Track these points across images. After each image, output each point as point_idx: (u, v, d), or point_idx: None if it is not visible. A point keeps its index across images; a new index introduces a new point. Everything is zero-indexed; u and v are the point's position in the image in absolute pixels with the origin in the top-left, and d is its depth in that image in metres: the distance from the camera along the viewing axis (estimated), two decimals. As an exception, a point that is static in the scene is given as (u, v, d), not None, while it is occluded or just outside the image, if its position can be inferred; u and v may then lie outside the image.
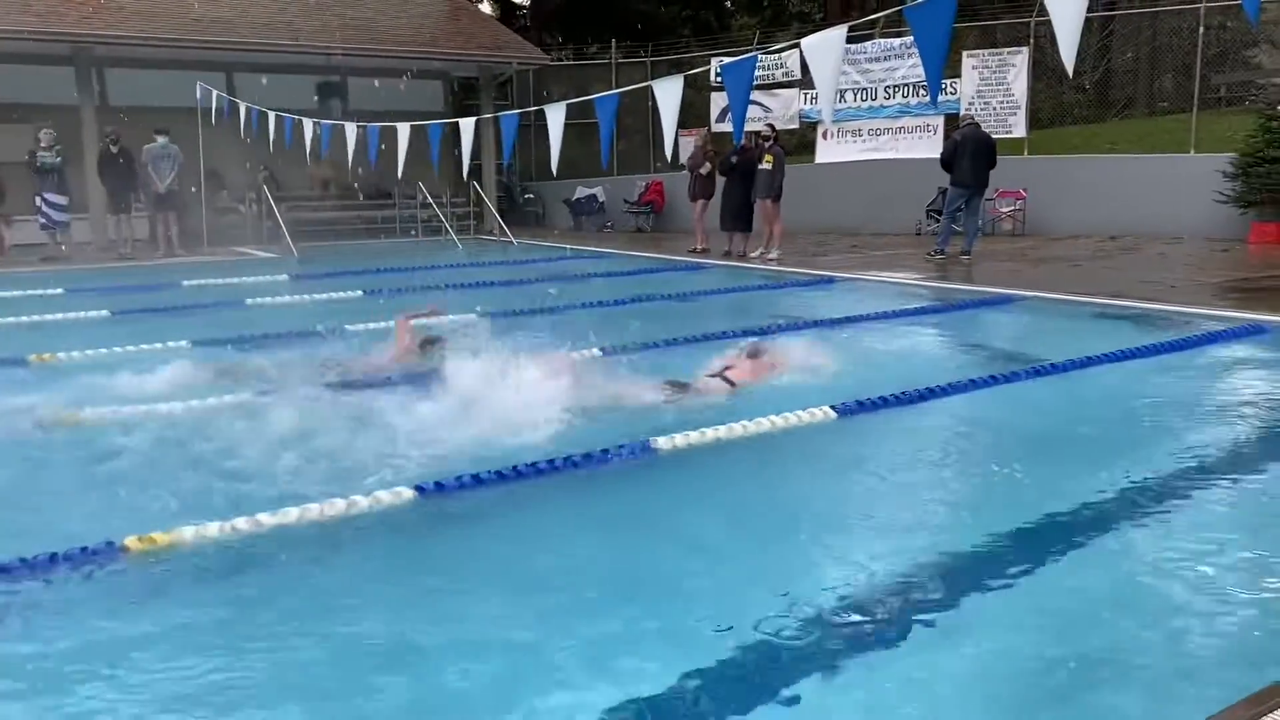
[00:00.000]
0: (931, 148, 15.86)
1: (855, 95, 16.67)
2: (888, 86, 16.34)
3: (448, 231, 17.33)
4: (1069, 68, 4.94)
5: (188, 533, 3.57)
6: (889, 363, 6.61)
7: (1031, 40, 15.54)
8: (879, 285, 10.63)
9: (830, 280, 11.12)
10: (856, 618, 2.98)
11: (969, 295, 9.55)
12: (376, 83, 17.65)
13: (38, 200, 14.24)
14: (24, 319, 8.74)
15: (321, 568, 3.49)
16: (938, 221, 15.87)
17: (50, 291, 10.65)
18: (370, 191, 18.62)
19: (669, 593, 3.25)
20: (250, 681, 2.69)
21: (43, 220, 14.35)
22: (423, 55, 18.44)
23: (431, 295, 10.20)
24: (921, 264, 12.29)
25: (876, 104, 16.50)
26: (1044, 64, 16.32)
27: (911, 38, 5.92)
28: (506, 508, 4.05)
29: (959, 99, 15.74)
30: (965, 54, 15.89)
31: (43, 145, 14.16)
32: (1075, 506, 3.85)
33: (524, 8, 32.39)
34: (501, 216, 18.55)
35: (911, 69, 15.58)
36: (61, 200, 14.39)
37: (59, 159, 14.30)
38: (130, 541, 3.47)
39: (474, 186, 18.29)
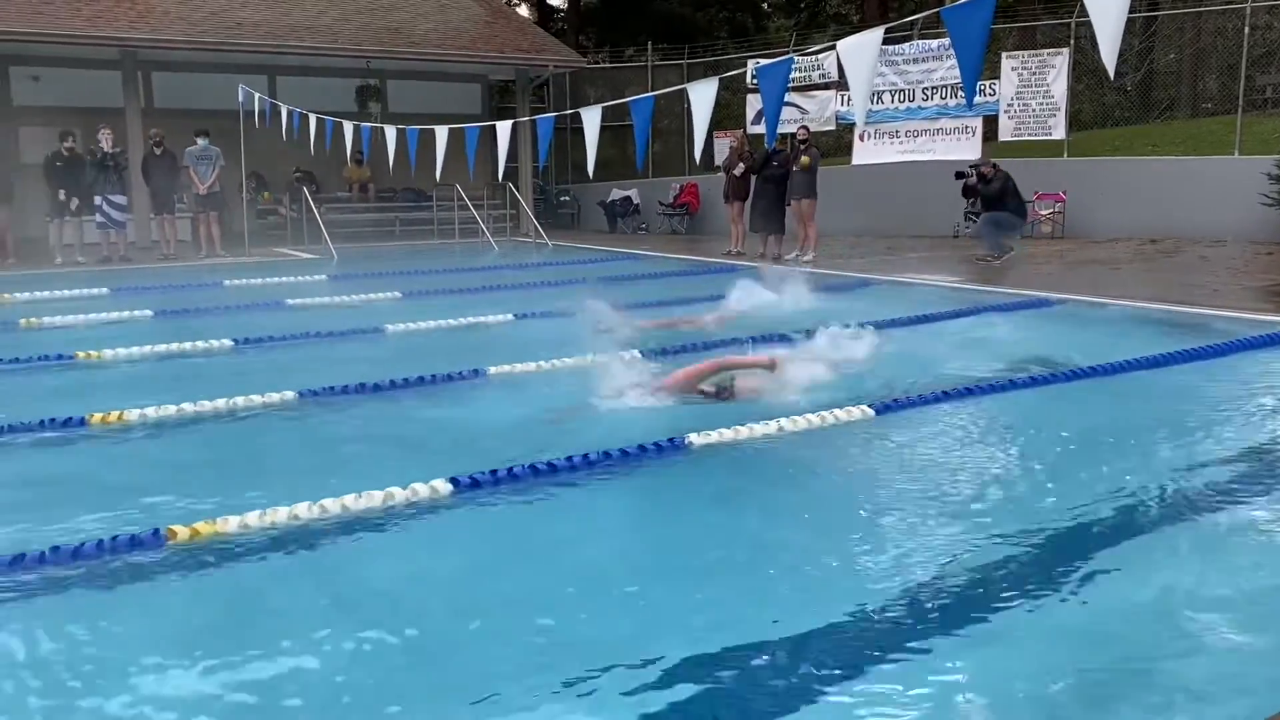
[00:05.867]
0: (970, 149, 15.75)
1: (893, 97, 16.58)
2: (926, 88, 16.24)
3: (484, 234, 17.45)
4: (1109, 69, 4.90)
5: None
6: (927, 364, 6.58)
7: (1072, 41, 15.38)
8: (915, 288, 10.58)
9: (866, 283, 11.08)
10: (883, 623, 2.96)
11: (1006, 298, 9.47)
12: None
13: (98, 200, 14.24)
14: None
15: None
16: (974, 223, 15.80)
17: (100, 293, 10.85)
18: (408, 194, 18.84)
19: (689, 589, 3.28)
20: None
21: (100, 219, 14.39)
22: (461, 58, 18.59)
23: (472, 296, 10.31)
24: (957, 267, 12.21)
25: (914, 105, 16.40)
26: (1085, 65, 16.14)
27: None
28: (544, 498, 4.11)
29: (998, 100, 15.63)
30: (1005, 55, 15.78)
31: (104, 146, 14.30)
32: (1106, 515, 3.82)
33: (561, 10, 32.56)
34: (537, 219, 18.65)
35: (950, 70, 15.46)
36: (121, 200, 14.55)
37: (126, 161, 14.52)
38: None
39: (510, 189, 18.39)
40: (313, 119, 13.03)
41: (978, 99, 15.35)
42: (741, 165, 14.28)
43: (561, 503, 4.13)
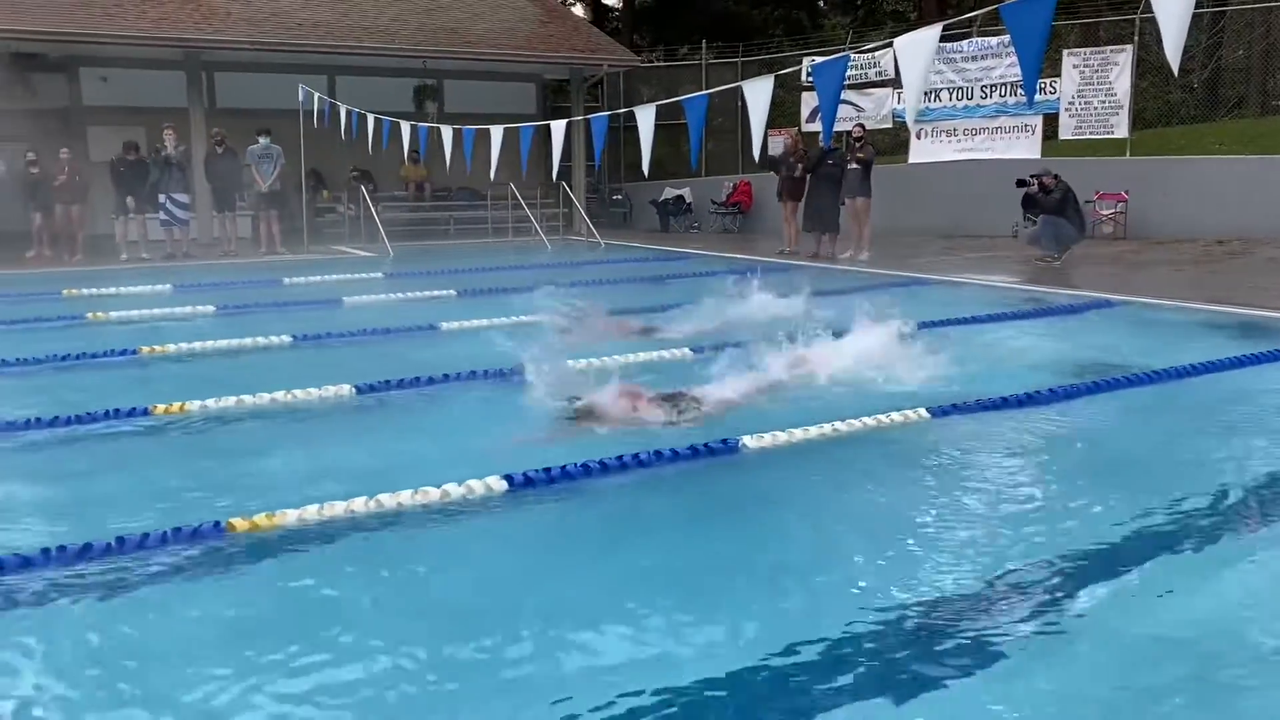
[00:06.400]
0: (1030, 148, 15.50)
1: (951, 94, 16.38)
2: (984, 86, 16.02)
3: (537, 232, 17.53)
4: (1174, 66, 4.80)
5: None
6: (983, 367, 6.48)
7: (1136, 37, 15.06)
8: (972, 288, 10.44)
9: (923, 282, 10.95)
10: (930, 635, 2.90)
11: (1066, 299, 9.31)
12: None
13: (161, 198, 14.55)
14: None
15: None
16: (1033, 224, 15.53)
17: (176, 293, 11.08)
18: (463, 193, 19.00)
19: (741, 592, 3.27)
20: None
21: (164, 217, 14.66)
22: (516, 58, 18.71)
23: (525, 294, 10.35)
24: (1016, 267, 12.02)
25: (973, 103, 16.19)
26: (1149, 62, 15.79)
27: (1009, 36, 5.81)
28: (606, 499, 4.12)
29: (1058, 98, 15.35)
30: (1066, 52, 15.50)
31: (168, 145, 14.60)
32: (1170, 523, 3.73)
33: (616, 9, 32.61)
34: (589, 218, 18.69)
35: (1009, 68, 15.25)
36: (185, 199, 14.86)
37: (189, 160, 14.86)
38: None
39: (564, 188, 18.47)
40: (370, 118, 13.20)
41: (1038, 97, 15.12)
42: (799, 166, 14.17)
43: (614, 502, 4.15)
